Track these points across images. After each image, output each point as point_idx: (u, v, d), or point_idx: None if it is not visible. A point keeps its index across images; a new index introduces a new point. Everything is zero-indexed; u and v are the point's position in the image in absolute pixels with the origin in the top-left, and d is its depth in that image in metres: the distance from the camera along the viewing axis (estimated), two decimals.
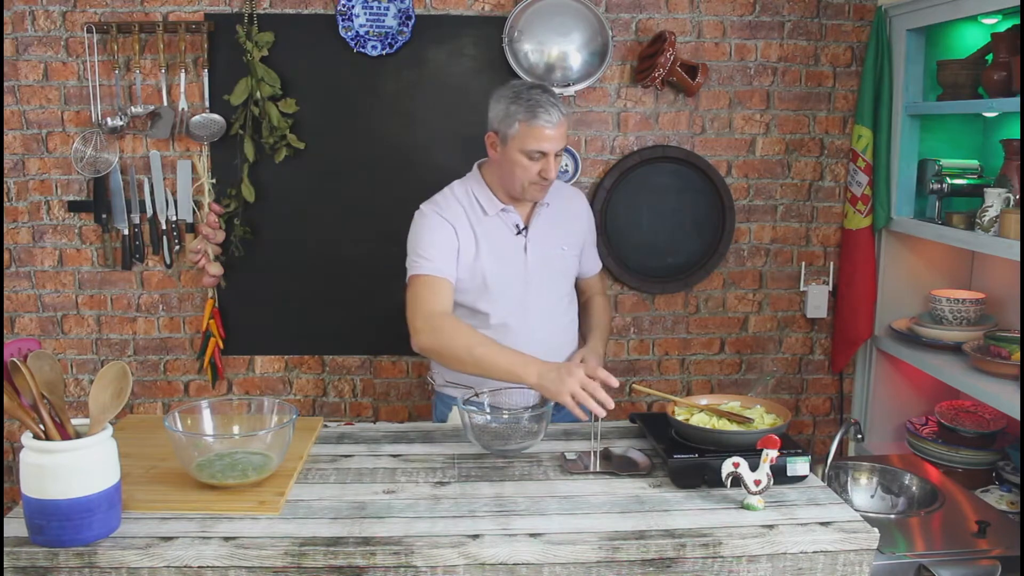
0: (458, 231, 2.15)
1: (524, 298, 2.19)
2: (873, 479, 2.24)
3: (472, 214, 2.18)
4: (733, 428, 1.81)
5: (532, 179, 2.09)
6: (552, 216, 2.25)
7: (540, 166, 2.08)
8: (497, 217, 2.19)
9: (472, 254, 2.15)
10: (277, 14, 2.80)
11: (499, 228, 2.19)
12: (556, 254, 2.25)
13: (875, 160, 2.83)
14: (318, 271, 2.96)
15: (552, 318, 2.25)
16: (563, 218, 2.28)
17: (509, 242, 2.19)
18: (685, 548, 1.48)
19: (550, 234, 2.24)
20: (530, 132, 2.04)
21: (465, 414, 1.87)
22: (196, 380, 3.03)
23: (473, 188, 2.21)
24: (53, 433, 1.43)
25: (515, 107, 2.05)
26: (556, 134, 2.05)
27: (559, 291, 2.27)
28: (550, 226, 2.24)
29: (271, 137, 2.78)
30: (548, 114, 2.03)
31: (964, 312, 2.65)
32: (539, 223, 2.23)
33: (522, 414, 1.92)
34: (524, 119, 2.04)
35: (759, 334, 3.11)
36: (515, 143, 2.06)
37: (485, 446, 1.88)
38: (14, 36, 2.78)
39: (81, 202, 2.88)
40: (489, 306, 2.18)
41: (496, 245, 2.18)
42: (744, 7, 2.90)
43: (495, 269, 2.17)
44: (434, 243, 2.12)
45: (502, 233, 2.19)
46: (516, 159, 2.08)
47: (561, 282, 2.27)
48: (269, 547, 1.44)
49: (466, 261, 2.15)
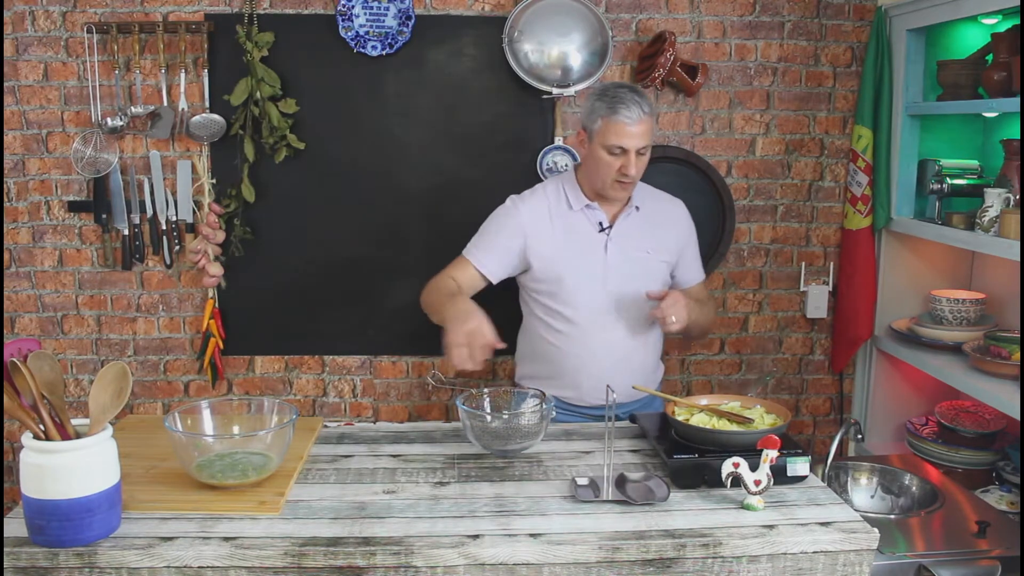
0: (529, 225, 2.22)
1: (600, 295, 2.22)
2: (873, 479, 2.24)
3: (556, 208, 2.25)
4: (733, 428, 1.81)
5: (614, 176, 2.15)
6: (642, 219, 2.27)
7: (621, 162, 2.12)
8: (581, 213, 2.24)
9: (550, 246, 2.22)
10: (277, 14, 2.80)
11: (582, 224, 2.24)
12: (639, 256, 2.25)
13: (875, 160, 2.83)
14: (318, 271, 2.96)
15: (628, 319, 2.24)
16: (654, 223, 2.29)
17: (590, 239, 2.23)
18: (685, 548, 1.48)
19: (635, 236, 2.25)
20: (611, 128, 2.10)
21: (464, 414, 1.87)
22: (196, 380, 3.03)
23: (564, 184, 2.29)
24: (53, 433, 1.43)
25: (599, 103, 2.12)
26: (637, 131, 2.09)
27: (640, 296, 2.25)
28: (637, 229, 2.26)
29: (271, 137, 2.78)
30: (629, 110, 2.08)
31: (964, 312, 2.65)
32: (625, 224, 2.25)
33: (522, 414, 1.91)
34: (606, 115, 2.10)
35: (759, 334, 3.11)
36: (598, 139, 2.13)
37: (485, 446, 1.88)
38: (14, 36, 2.78)
39: (81, 202, 2.88)
40: (564, 300, 2.23)
41: (576, 240, 2.23)
42: (744, 7, 2.90)
43: (572, 264, 2.21)
44: (493, 239, 2.24)
45: (584, 229, 2.23)
46: (599, 155, 2.14)
47: (643, 285, 2.25)
48: (269, 547, 1.44)
49: (542, 253, 2.22)
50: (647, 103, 2.12)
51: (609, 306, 2.23)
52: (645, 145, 2.13)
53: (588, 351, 2.23)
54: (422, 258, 2.94)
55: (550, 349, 2.27)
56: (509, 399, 2.01)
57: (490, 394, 2.00)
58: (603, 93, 2.14)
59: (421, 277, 2.36)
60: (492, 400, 2.00)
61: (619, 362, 2.24)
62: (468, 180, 2.92)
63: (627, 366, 2.25)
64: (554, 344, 2.26)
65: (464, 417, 1.87)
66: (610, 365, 2.23)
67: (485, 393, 2.00)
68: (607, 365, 2.22)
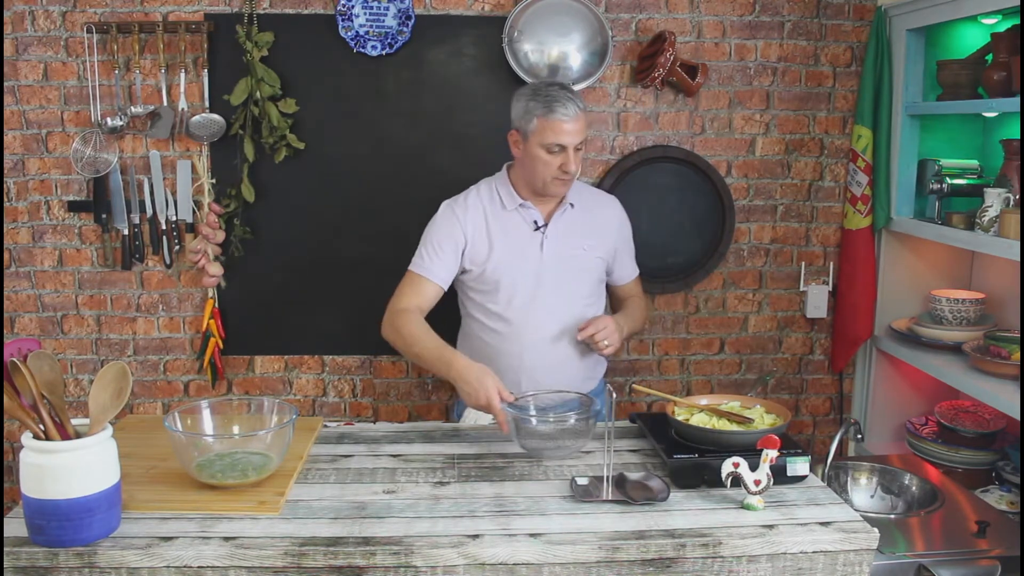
0: (468, 229, 2.23)
1: (536, 294, 2.23)
2: (873, 479, 2.24)
3: (491, 209, 2.25)
4: (733, 428, 1.81)
5: (554, 173, 2.16)
6: (577, 217, 2.28)
7: (560, 160, 2.14)
8: (516, 212, 2.25)
9: (485, 248, 2.22)
10: (277, 14, 2.80)
11: (517, 224, 2.24)
12: (575, 254, 2.26)
13: (875, 160, 2.83)
14: (318, 271, 2.96)
15: (564, 317, 2.25)
16: (589, 220, 2.31)
17: (525, 238, 2.24)
18: (685, 548, 1.48)
19: (571, 234, 2.26)
20: (548, 126, 2.11)
21: (510, 417, 1.84)
22: (196, 380, 3.03)
23: (497, 185, 2.29)
24: (53, 433, 1.43)
25: (533, 103, 2.13)
26: (574, 127, 2.11)
27: (576, 291, 2.27)
28: (572, 226, 2.27)
29: (271, 137, 2.78)
30: (565, 108, 2.10)
31: (964, 312, 2.65)
32: (561, 222, 2.26)
33: (570, 416, 1.86)
34: (542, 114, 2.11)
35: (759, 334, 3.11)
36: (535, 138, 2.14)
37: (531, 450, 1.85)
38: (14, 36, 2.78)
39: (81, 202, 2.88)
40: (501, 299, 2.23)
41: (511, 240, 2.23)
42: (744, 7, 2.90)
43: (508, 263, 2.22)
44: (438, 244, 2.23)
45: (519, 229, 2.24)
46: (537, 154, 2.15)
47: (579, 282, 2.28)
48: (269, 547, 1.44)
49: (478, 256, 2.22)
50: (580, 100, 2.15)
51: (545, 304, 2.23)
52: (582, 140, 2.15)
53: (525, 350, 2.23)
54: None
55: (487, 349, 2.27)
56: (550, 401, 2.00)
57: (533, 397, 1.99)
58: (535, 93, 2.15)
59: None
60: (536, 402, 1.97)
61: (557, 359, 2.24)
62: (468, 180, 2.89)
63: (566, 363, 2.25)
64: (491, 344, 2.26)
65: (512, 420, 1.84)
66: (548, 363, 2.23)
67: (529, 396, 1.98)
68: (545, 363, 2.22)
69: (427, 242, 2.27)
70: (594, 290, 2.33)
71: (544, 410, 1.96)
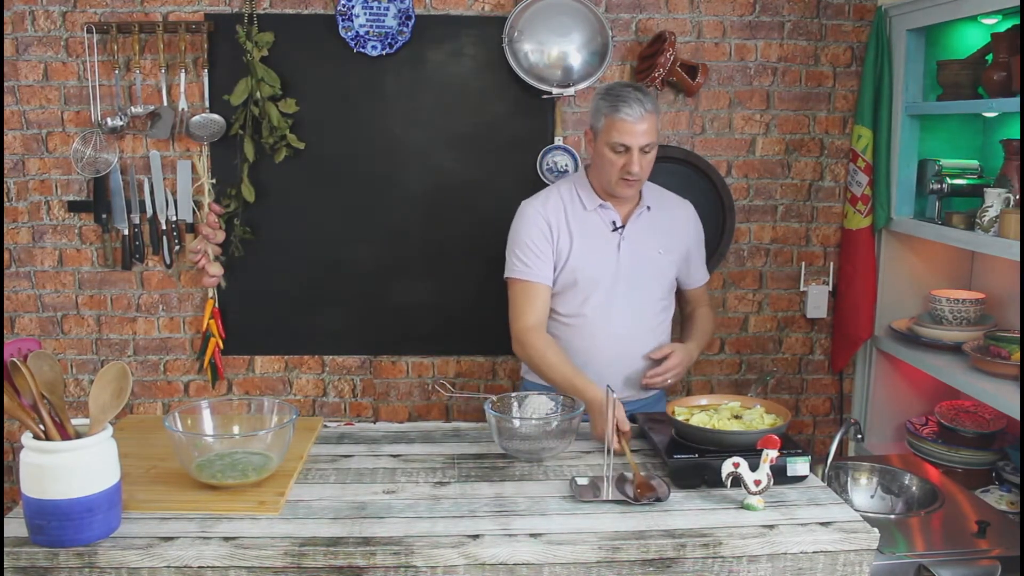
0: (552, 226, 2.23)
1: (613, 294, 2.23)
2: (873, 479, 2.24)
3: (571, 209, 2.26)
4: (733, 428, 1.81)
5: (619, 174, 2.16)
6: (653, 220, 2.29)
7: (624, 160, 2.14)
8: (595, 213, 2.25)
9: (566, 247, 2.23)
10: (277, 14, 2.80)
11: (596, 224, 2.25)
12: (652, 256, 2.27)
13: (875, 160, 2.83)
14: (318, 271, 2.96)
15: (639, 319, 2.26)
16: (665, 223, 2.31)
17: (604, 238, 2.25)
18: (685, 548, 1.48)
19: (648, 236, 2.27)
20: (613, 125, 2.12)
21: (492, 418, 1.85)
22: (196, 380, 3.03)
23: (577, 184, 2.30)
24: (53, 433, 1.43)
25: (602, 102, 2.15)
26: (639, 128, 2.11)
27: (651, 293, 2.28)
28: (649, 228, 2.28)
29: (271, 137, 2.78)
30: (630, 107, 2.10)
31: (964, 312, 2.65)
32: (637, 224, 2.27)
33: (552, 417, 1.88)
34: (608, 113, 2.13)
35: (759, 334, 3.11)
36: (603, 137, 2.16)
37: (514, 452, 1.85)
38: (14, 36, 2.78)
39: (81, 202, 2.88)
40: (577, 298, 2.23)
41: (590, 240, 2.24)
42: (744, 7, 2.90)
43: (587, 262, 2.22)
44: (531, 245, 2.22)
45: (598, 229, 2.25)
46: (604, 153, 2.16)
47: (654, 284, 2.28)
48: (269, 547, 1.44)
49: (561, 252, 2.23)
50: (650, 101, 2.13)
51: (618, 304, 2.23)
52: (648, 143, 2.14)
53: (594, 347, 2.24)
54: (422, 258, 2.94)
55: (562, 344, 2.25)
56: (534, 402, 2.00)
57: (517, 399, 1.99)
58: (607, 92, 2.16)
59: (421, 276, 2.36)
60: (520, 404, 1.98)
61: (626, 360, 2.25)
62: (468, 180, 2.92)
63: (631, 363, 2.26)
64: (560, 338, 2.26)
65: (492, 421, 1.84)
66: (616, 362, 2.24)
67: (513, 398, 1.99)
68: (613, 362, 2.24)
69: (519, 244, 2.23)
70: (667, 293, 2.33)
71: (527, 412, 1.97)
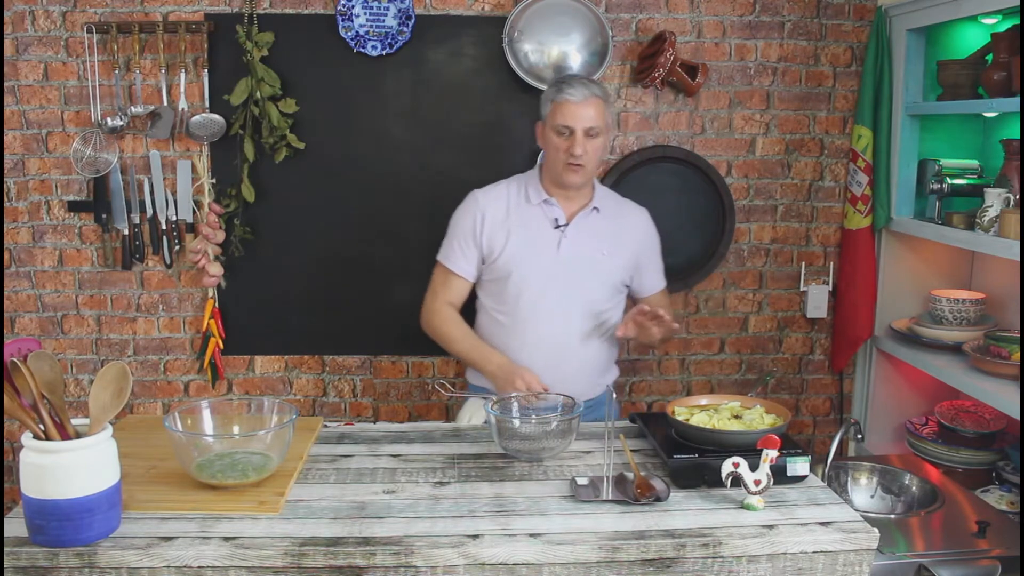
0: (488, 215, 2.24)
1: (547, 292, 2.21)
2: (873, 479, 2.24)
3: (515, 202, 2.26)
4: (733, 428, 1.81)
5: (564, 159, 2.17)
6: (600, 221, 2.27)
7: (568, 143, 2.15)
8: (539, 208, 2.25)
9: (502, 240, 2.23)
10: (277, 14, 2.80)
11: (538, 219, 2.25)
12: (594, 257, 2.24)
13: (875, 160, 2.83)
14: (318, 271, 2.96)
15: (573, 319, 2.23)
16: (614, 227, 2.29)
17: (544, 234, 2.24)
18: (685, 548, 1.48)
19: (591, 236, 2.25)
20: (557, 108, 2.16)
21: (493, 418, 1.84)
22: (196, 380, 3.03)
23: (528, 178, 2.31)
24: (53, 433, 1.43)
25: (550, 90, 2.21)
26: (581, 110, 2.12)
27: (590, 295, 2.24)
28: (594, 229, 2.26)
29: (271, 137, 2.78)
30: (574, 89, 2.13)
31: (964, 312, 2.65)
32: (582, 223, 2.25)
33: (552, 417, 1.87)
34: (553, 97, 2.17)
35: (759, 334, 3.11)
36: (548, 122, 2.19)
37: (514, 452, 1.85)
38: (14, 36, 2.78)
39: (81, 202, 2.88)
40: (510, 292, 2.22)
41: (529, 234, 2.23)
42: (744, 7, 2.90)
43: (521, 257, 2.22)
44: (459, 237, 2.26)
45: (540, 224, 2.24)
46: (550, 139, 2.19)
47: (594, 286, 2.25)
48: (269, 547, 1.44)
49: (494, 245, 2.23)
50: (599, 88, 2.17)
51: (555, 304, 2.21)
52: (593, 126, 2.14)
53: (529, 346, 2.21)
54: (422, 258, 2.92)
55: (494, 341, 2.26)
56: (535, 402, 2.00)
57: (517, 398, 1.99)
58: (554, 81, 2.23)
59: (421, 277, 2.36)
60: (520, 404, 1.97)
61: (560, 360, 2.21)
62: (468, 180, 2.89)
63: (570, 365, 2.22)
64: (497, 336, 2.25)
65: (492, 420, 1.84)
66: (551, 363, 2.19)
67: (513, 397, 1.98)
68: (547, 363, 2.18)
69: (452, 233, 2.30)
70: (609, 297, 2.28)
71: (527, 411, 1.96)
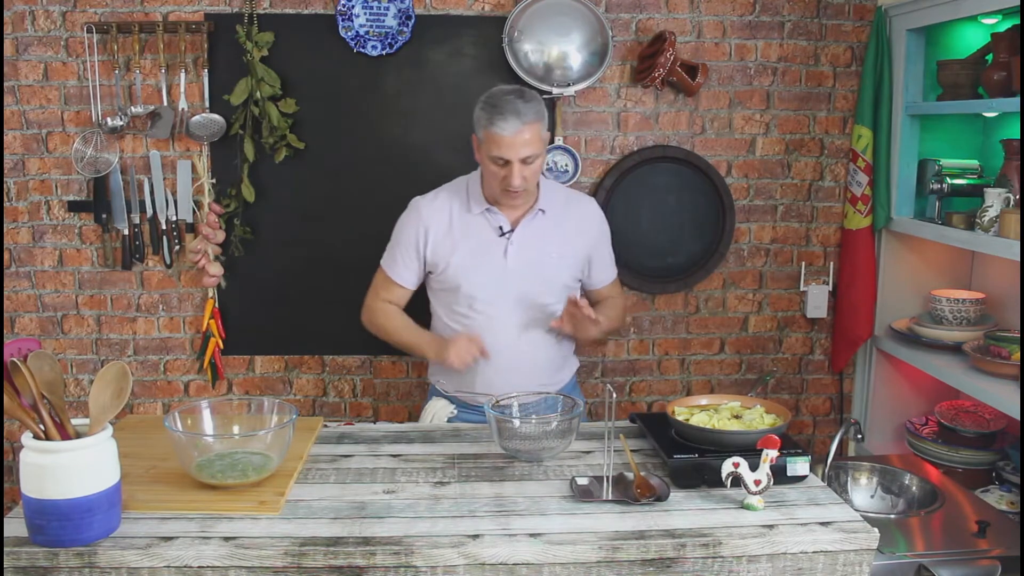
0: (432, 228, 2.19)
1: (498, 301, 2.17)
2: (873, 479, 2.24)
3: (457, 211, 2.20)
4: (733, 428, 1.81)
5: (502, 185, 2.08)
6: (547, 222, 2.20)
7: (505, 172, 2.05)
8: (482, 216, 2.18)
9: (447, 252, 2.18)
10: (277, 14, 2.80)
11: (482, 228, 2.18)
12: (544, 260, 2.19)
13: (875, 160, 2.83)
14: (318, 271, 2.96)
15: (527, 322, 2.19)
16: (562, 225, 2.21)
17: (490, 243, 2.17)
18: (685, 548, 1.48)
19: (540, 240, 2.18)
20: (490, 138, 2.03)
21: (493, 418, 1.84)
22: (196, 380, 3.03)
23: (469, 185, 2.23)
24: (53, 433, 1.43)
25: (482, 113, 2.06)
26: (516, 141, 2.00)
27: (541, 298, 2.20)
28: (541, 232, 2.19)
29: (271, 137, 2.78)
30: (506, 121, 1.99)
31: (964, 312, 2.65)
32: (529, 228, 2.19)
33: (553, 417, 1.87)
34: (486, 126, 2.04)
35: (759, 334, 3.11)
36: (483, 149, 2.09)
37: (514, 452, 1.84)
38: (14, 36, 2.78)
39: (81, 202, 2.88)
40: (463, 302, 2.19)
41: (475, 244, 2.17)
42: (744, 7, 2.90)
43: (469, 267, 2.16)
44: (402, 247, 2.24)
45: (484, 233, 2.18)
46: (486, 164, 2.10)
47: (545, 289, 2.20)
48: (269, 547, 1.44)
49: (440, 256, 2.19)
50: (531, 109, 2.02)
51: (508, 311, 2.17)
52: (530, 155, 2.03)
53: (493, 354, 2.18)
54: None
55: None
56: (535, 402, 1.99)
57: (518, 398, 1.98)
58: (486, 101, 2.06)
59: None
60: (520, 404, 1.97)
61: (516, 364, 2.19)
62: None
63: (526, 368, 2.19)
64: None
65: (492, 421, 1.83)
66: (508, 365, 2.18)
67: (513, 397, 1.97)
68: (504, 365, 2.18)
69: (395, 241, 2.27)
70: (561, 295, 2.21)
71: (527, 411, 1.95)
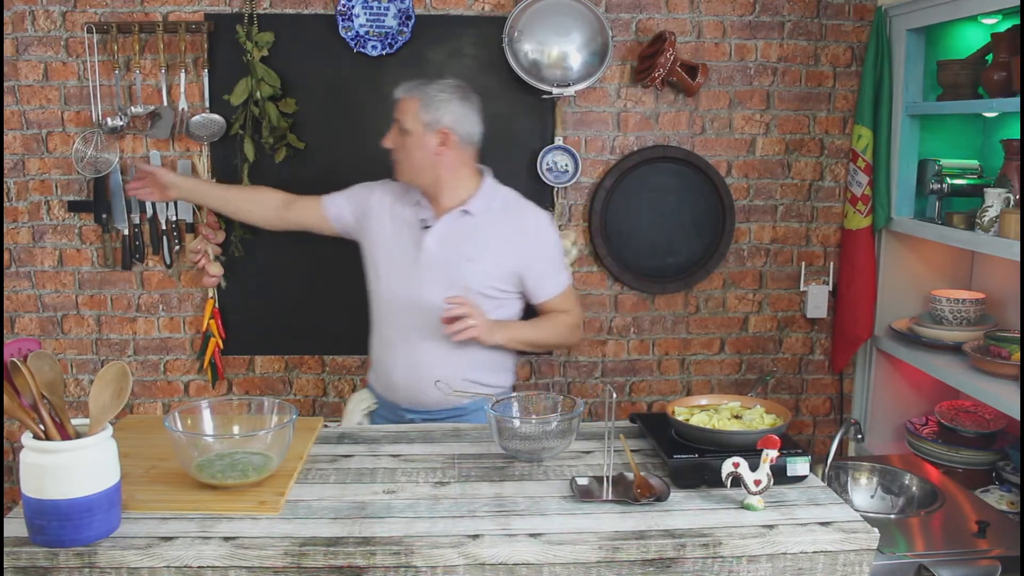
0: (375, 206, 2.29)
1: (408, 292, 2.19)
2: (873, 479, 2.24)
3: (398, 198, 2.28)
4: (733, 428, 1.81)
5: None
6: (469, 226, 2.17)
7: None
8: (415, 207, 2.24)
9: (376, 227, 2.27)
10: (277, 14, 2.80)
11: (409, 218, 2.25)
12: (454, 262, 2.14)
13: (875, 160, 2.84)
14: (318, 271, 2.96)
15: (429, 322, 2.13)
16: (486, 231, 2.17)
17: (410, 232, 2.22)
18: (685, 548, 1.48)
19: (456, 241, 2.16)
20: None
21: (493, 418, 1.83)
22: (196, 380, 3.03)
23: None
24: (53, 433, 1.43)
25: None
26: (400, 106, 2.18)
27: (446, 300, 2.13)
28: (460, 234, 2.16)
29: (271, 137, 2.78)
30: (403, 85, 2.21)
31: (964, 312, 2.65)
32: (448, 226, 2.17)
33: (553, 417, 1.86)
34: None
35: (759, 334, 3.11)
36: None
37: (513, 452, 1.84)
38: (14, 36, 2.78)
39: (81, 202, 2.88)
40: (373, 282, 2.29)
41: (398, 229, 2.24)
42: (744, 7, 2.90)
43: (387, 250, 2.24)
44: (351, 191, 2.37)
45: (409, 223, 2.24)
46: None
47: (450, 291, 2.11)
48: (269, 547, 1.44)
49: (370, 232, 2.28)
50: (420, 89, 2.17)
51: (412, 303, 2.16)
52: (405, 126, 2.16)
53: (384, 342, 2.23)
54: None
55: (372, 339, 2.33)
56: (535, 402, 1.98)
57: (518, 399, 1.97)
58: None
59: None
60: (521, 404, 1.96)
61: (416, 362, 2.18)
62: None
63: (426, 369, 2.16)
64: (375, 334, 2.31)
65: (492, 421, 1.83)
66: (403, 362, 2.18)
67: (513, 397, 1.97)
68: (399, 361, 2.18)
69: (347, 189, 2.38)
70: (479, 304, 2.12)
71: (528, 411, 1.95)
